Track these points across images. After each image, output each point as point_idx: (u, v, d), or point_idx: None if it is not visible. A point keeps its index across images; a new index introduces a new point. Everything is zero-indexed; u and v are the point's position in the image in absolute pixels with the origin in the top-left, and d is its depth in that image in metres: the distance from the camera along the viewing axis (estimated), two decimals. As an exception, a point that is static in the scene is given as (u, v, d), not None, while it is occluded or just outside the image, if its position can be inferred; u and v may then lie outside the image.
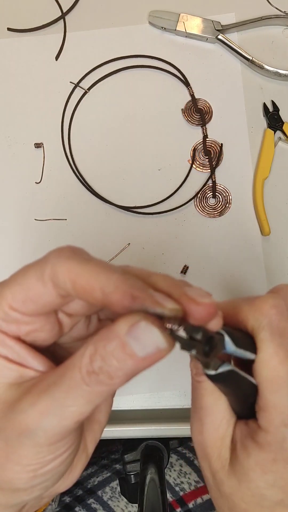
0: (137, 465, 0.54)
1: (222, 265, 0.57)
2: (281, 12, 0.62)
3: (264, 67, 0.59)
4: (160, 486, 0.47)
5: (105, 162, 0.60)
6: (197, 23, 0.61)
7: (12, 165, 0.60)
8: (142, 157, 0.60)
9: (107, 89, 0.62)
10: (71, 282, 0.24)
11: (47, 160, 0.60)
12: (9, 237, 0.59)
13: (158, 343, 0.23)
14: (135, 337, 0.23)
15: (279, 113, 0.59)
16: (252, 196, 0.58)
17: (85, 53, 0.62)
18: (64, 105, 0.61)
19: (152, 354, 0.23)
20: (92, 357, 0.23)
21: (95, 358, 0.23)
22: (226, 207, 0.58)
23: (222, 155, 0.59)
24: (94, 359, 0.23)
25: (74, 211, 0.59)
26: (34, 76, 0.62)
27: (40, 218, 0.59)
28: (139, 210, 0.58)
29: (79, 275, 0.24)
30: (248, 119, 0.60)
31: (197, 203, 0.58)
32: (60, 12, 0.63)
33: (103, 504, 0.62)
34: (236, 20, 0.62)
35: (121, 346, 0.23)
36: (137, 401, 0.55)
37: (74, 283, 0.24)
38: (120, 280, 0.24)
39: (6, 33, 0.63)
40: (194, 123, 0.60)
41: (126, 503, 0.62)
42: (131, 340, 0.23)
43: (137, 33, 0.62)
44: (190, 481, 0.65)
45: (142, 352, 0.23)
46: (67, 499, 0.63)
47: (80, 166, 0.60)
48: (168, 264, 0.57)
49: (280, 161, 0.59)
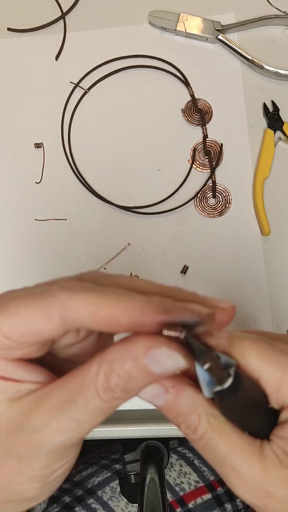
0: (137, 465, 0.54)
1: (222, 265, 0.57)
2: (281, 12, 0.62)
3: (264, 67, 0.59)
4: (160, 486, 0.47)
5: (105, 162, 0.60)
6: (197, 23, 0.61)
7: (12, 165, 0.60)
8: (142, 157, 0.60)
9: (107, 89, 0.62)
10: (90, 316, 0.23)
11: (47, 160, 0.60)
12: (9, 237, 0.59)
13: (179, 365, 0.24)
14: (155, 361, 0.23)
15: (279, 113, 0.59)
16: (252, 196, 0.58)
17: (85, 53, 0.62)
18: (64, 105, 0.61)
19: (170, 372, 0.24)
20: (108, 376, 0.23)
21: (111, 377, 0.23)
22: (226, 207, 0.58)
23: (222, 155, 0.59)
24: (110, 377, 0.23)
25: (74, 211, 0.59)
26: (34, 76, 0.62)
27: (40, 218, 0.59)
28: (139, 210, 0.58)
29: (99, 307, 0.23)
30: (248, 119, 0.60)
31: (197, 203, 0.59)
32: (60, 12, 0.63)
33: (103, 504, 0.62)
34: (236, 20, 0.62)
35: (139, 366, 0.23)
36: (137, 401, 0.55)
37: (95, 316, 0.23)
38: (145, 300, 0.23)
39: (6, 33, 0.63)
40: (194, 123, 0.60)
41: (126, 503, 0.62)
42: (149, 362, 0.23)
43: (137, 33, 0.62)
44: (190, 481, 0.65)
45: (160, 370, 0.24)
46: (67, 499, 0.63)
47: (80, 166, 0.60)
48: (168, 264, 0.57)
49: (280, 161, 0.59)
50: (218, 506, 0.64)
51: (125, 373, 0.23)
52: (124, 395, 0.24)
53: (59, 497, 0.63)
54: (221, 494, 0.65)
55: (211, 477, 0.65)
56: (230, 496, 0.65)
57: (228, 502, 0.65)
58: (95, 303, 0.23)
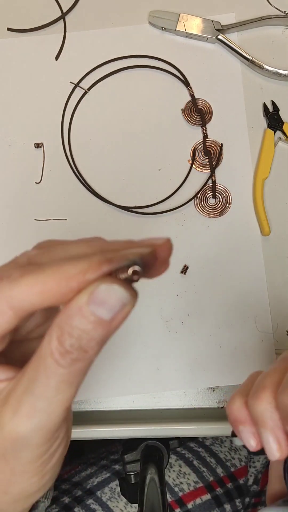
0: (137, 465, 0.54)
1: (222, 265, 0.57)
2: (281, 12, 0.62)
3: (264, 67, 0.59)
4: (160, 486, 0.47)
5: (105, 162, 0.60)
6: (197, 23, 0.61)
7: (12, 165, 0.60)
8: (142, 157, 0.60)
9: (107, 89, 0.62)
10: (39, 295, 0.23)
11: (47, 160, 0.60)
12: (9, 237, 0.59)
13: (122, 298, 0.23)
14: (98, 303, 0.22)
15: (279, 113, 0.59)
16: (252, 196, 0.58)
17: (85, 53, 0.62)
18: (64, 105, 0.61)
19: (119, 312, 0.23)
20: (60, 338, 0.23)
21: (63, 338, 0.23)
22: (226, 207, 0.58)
23: (222, 155, 0.59)
24: (63, 339, 0.23)
25: (74, 211, 0.59)
26: (34, 76, 0.62)
27: (40, 218, 0.59)
28: (139, 210, 0.58)
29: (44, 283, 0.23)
30: (248, 119, 0.60)
31: (197, 203, 0.58)
32: (60, 12, 0.63)
33: (102, 504, 0.62)
34: (236, 20, 0.62)
35: (86, 316, 0.22)
36: (137, 401, 0.55)
37: (43, 294, 0.23)
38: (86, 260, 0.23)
39: (6, 33, 0.63)
40: (194, 123, 0.60)
41: (126, 504, 0.62)
42: (94, 307, 0.22)
43: (137, 33, 0.62)
44: (189, 482, 0.64)
45: (109, 314, 0.23)
46: (66, 500, 0.63)
47: (80, 166, 0.60)
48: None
49: (280, 161, 0.59)
50: (217, 507, 0.64)
51: (75, 329, 0.22)
52: (82, 355, 0.23)
53: (58, 497, 0.63)
54: (220, 495, 0.65)
55: (210, 477, 0.65)
56: (229, 497, 0.65)
57: (227, 503, 0.65)
58: (39, 281, 0.23)
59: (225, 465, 0.67)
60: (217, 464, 0.67)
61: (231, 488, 0.66)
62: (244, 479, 0.67)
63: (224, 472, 0.67)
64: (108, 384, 0.55)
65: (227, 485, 0.66)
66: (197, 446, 0.68)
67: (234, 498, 0.66)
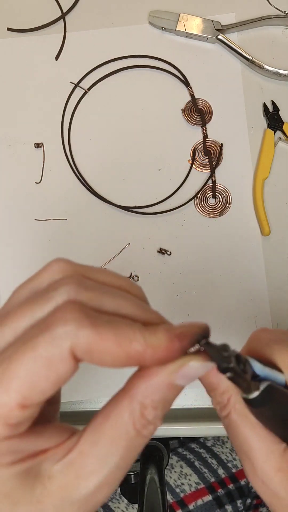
0: (137, 465, 0.54)
1: (222, 265, 0.57)
2: (281, 12, 0.62)
3: (264, 67, 0.59)
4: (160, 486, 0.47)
5: (105, 162, 0.60)
6: (197, 23, 0.61)
7: (12, 165, 0.60)
8: (142, 157, 0.60)
9: (107, 89, 0.62)
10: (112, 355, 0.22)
11: (47, 160, 0.60)
12: (9, 237, 0.59)
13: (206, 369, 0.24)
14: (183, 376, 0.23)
15: (279, 113, 0.59)
16: (252, 196, 0.58)
17: (85, 53, 0.62)
18: (64, 105, 0.61)
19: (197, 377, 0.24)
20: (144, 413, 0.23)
21: (147, 412, 0.23)
22: (226, 207, 0.58)
23: (222, 155, 0.59)
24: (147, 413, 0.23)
25: (74, 211, 0.59)
26: (34, 76, 0.62)
27: (40, 218, 0.59)
28: (139, 210, 0.58)
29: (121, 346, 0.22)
30: (248, 119, 0.60)
31: (197, 203, 0.58)
32: (60, 12, 0.63)
33: (103, 505, 0.62)
34: (236, 20, 0.62)
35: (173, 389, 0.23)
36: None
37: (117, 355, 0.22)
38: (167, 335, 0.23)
39: (6, 33, 0.63)
40: (194, 123, 0.60)
41: (127, 505, 0.62)
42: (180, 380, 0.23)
43: (137, 33, 0.62)
44: (191, 483, 0.64)
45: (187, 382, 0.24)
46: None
47: (80, 166, 0.60)
48: (168, 264, 0.57)
49: (280, 161, 0.59)
50: (218, 508, 0.64)
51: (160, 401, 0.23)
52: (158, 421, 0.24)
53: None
54: (222, 496, 0.65)
55: (212, 478, 0.65)
56: (230, 498, 0.65)
57: (229, 504, 0.65)
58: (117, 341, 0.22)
59: (227, 466, 0.67)
60: (219, 465, 0.67)
61: (232, 489, 0.66)
62: (245, 480, 0.67)
63: (226, 473, 0.67)
64: (110, 384, 0.55)
65: (229, 486, 0.66)
66: (198, 447, 0.68)
67: (236, 499, 0.65)
